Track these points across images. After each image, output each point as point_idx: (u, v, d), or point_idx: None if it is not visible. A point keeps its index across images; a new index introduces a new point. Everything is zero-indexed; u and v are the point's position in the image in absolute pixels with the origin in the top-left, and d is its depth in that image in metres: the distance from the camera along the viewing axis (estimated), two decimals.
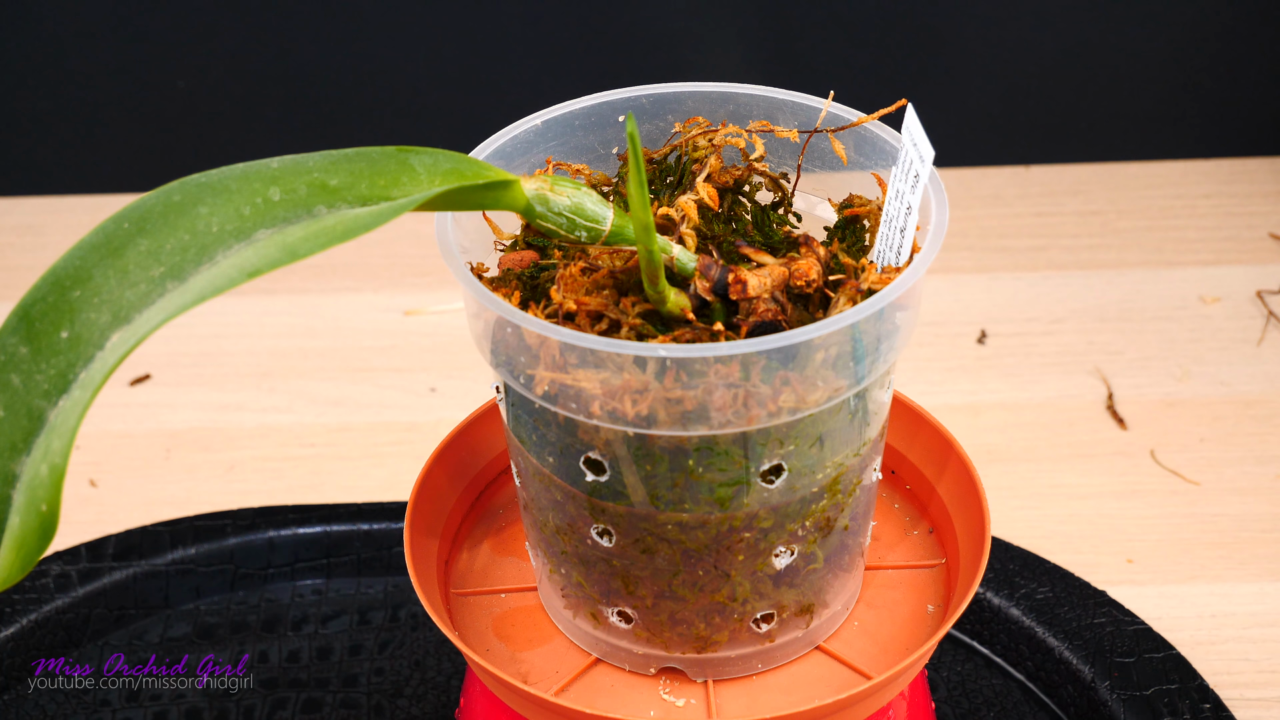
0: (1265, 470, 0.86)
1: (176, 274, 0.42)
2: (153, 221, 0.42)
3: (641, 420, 0.48)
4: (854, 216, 0.55)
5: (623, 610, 0.55)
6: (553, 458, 0.52)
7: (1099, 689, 0.71)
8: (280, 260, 0.41)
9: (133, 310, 0.42)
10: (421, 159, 0.47)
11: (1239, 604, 0.78)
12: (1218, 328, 0.96)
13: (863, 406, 0.52)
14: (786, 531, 0.53)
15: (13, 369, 0.40)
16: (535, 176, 0.49)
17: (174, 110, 1.10)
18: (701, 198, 0.53)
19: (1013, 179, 1.11)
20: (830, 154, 0.56)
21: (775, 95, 0.57)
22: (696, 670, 0.56)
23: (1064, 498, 0.85)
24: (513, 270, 0.54)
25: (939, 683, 0.74)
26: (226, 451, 0.89)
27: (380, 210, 0.43)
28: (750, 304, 0.50)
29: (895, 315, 0.50)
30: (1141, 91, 1.10)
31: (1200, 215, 1.07)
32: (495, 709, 0.59)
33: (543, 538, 0.56)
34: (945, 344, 0.96)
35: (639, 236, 0.47)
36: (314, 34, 1.08)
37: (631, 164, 0.45)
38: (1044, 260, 1.03)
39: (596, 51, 1.09)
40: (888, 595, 0.60)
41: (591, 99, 0.57)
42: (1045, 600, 0.75)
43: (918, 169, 0.50)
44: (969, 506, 0.60)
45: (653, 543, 0.52)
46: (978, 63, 1.09)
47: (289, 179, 0.44)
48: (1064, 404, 0.91)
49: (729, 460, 0.49)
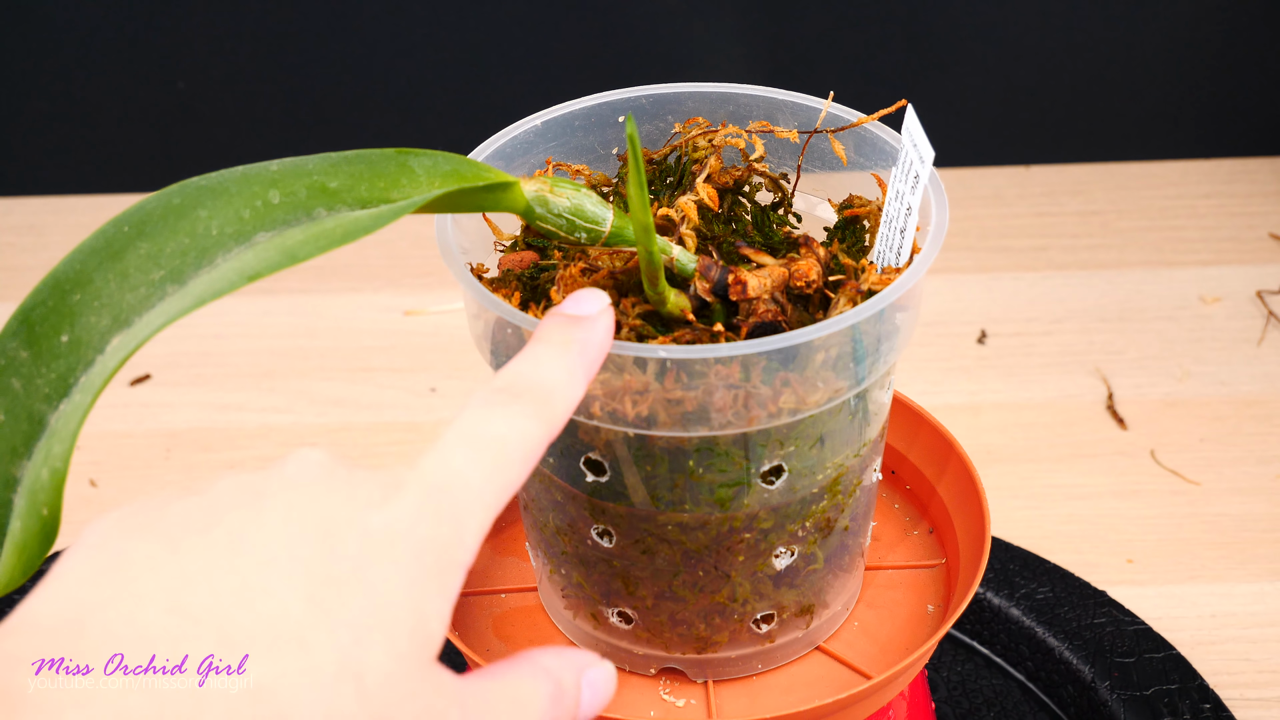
0: (1265, 470, 0.86)
1: (176, 277, 0.42)
2: (152, 225, 0.42)
3: (642, 421, 0.48)
4: (854, 217, 0.55)
5: (623, 611, 0.55)
6: (553, 458, 0.52)
7: (1099, 689, 0.71)
8: (280, 264, 0.41)
9: (133, 314, 0.42)
10: (421, 161, 0.47)
11: (1239, 604, 0.78)
12: (1218, 328, 0.96)
13: (863, 407, 0.52)
14: (787, 532, 0.53)
15: (13, 373, 0.40)
16: (535, 178, 0.49)
17: (174, 110, 1.10)
18: (701, 198, 0.53)
19: (1013, 179, 1.11)
20: (830, 154, 0.56)
21: (775, 96, 0.57)
22: (697, 671, 0.56)
23: (1064, 498, 0.85)
24: (513, 271, 0.54)
25: (939, 683, 0.74)
26: (227, 451, 0.89)
27: (380, 213, 0.43)
28: (750, 305, 0.50)
29: (895, 316, 0.50)
30: (1141, 91, 1.10)
31: (1200, 215, 1.07)
32: None
33: (543, 538, 0.56)
34: (945, 344, 0.96)
35: (639, 238, 0.47)
36: (314, 34, 1.08)
37: (631, 165, 0.45)
38: (1044, 260, 1.03)
39: (596, 52, 1.09)
40: (888, 595, 0.60)
41: (591, 99, 0.57)
42: (1045, 600, 0.75)
43: (918, 169, 0.50)
44: (969, 506, 0.60)
45: (653, 543, 0.52)
46: (978, 63, 1.09)
47: (288, 182, 0.44)
48: (1064, 404, 0.91)
49: (729, 461, 0.49)
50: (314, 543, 0.36)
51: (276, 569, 0.35)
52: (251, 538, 0.35)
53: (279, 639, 0.34)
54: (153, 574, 0.35)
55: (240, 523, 0.36)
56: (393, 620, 0.36)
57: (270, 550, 0.35)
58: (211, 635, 0.34)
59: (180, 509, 0.36)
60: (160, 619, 0.34)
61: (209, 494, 0.37)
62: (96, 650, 0.33)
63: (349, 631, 0.35)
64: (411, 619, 0.36)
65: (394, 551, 0.36)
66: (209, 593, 0.34)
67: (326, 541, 0.36)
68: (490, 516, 0.39)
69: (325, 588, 0.35)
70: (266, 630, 0.34)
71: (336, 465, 0.38)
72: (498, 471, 0.39)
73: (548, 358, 0.42)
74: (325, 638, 0.34)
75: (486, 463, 0.39)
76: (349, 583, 0.35)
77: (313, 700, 0.34)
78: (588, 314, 0.44)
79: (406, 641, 0.36)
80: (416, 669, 0.36)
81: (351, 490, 0.37)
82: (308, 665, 0.34)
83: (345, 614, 0.35)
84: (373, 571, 0.36)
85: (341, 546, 0.36)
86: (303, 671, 0.34)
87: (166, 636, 0.33)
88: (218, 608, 0.34)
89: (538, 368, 0.42)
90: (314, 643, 0.34)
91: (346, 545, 0.36)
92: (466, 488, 0.38)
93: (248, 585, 0.35)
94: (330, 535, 0.36)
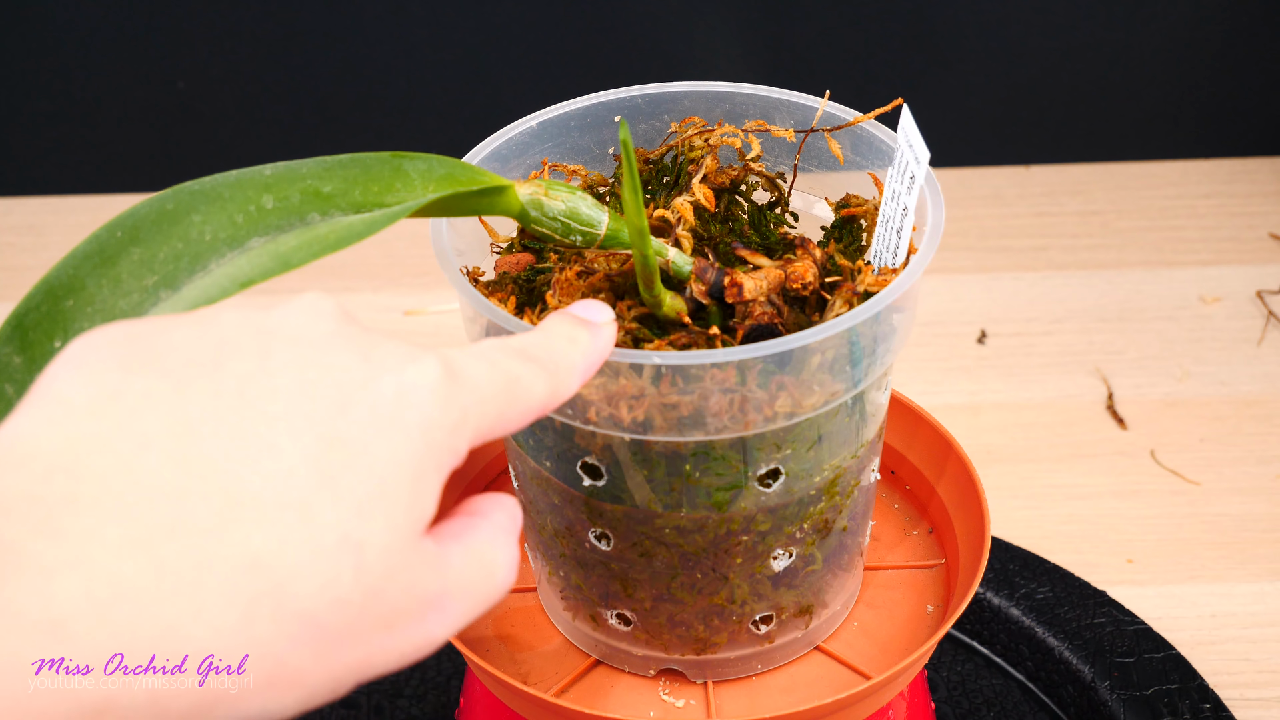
0: (1265, 470, 0.86)
1: (170, 283, 0.42)
2: (146, 230, 0.42)
3: (638, 426, 0.48)
4: (851, 216, 0.55)
5: (622, 612, 0.55)
6: (550, 461, 0.52)
7: (1099, 689, 0.71)
8: (274, 270, 0.41)
9: (126, 319, 0.41)
10: (415, 165, 0.46)
11: (1239, 604, 0.78)
12: (1218, 328, 0.96)
13: (860, 409, 0.52)
14: (785, 534, 0.52)
15: (6, 379, 0.40)
16: (530, 181, 0.49)
17: (174, 110, 1.10)
18: (698, 199, 0.53)
19: (1013, 179, 1.11)
20: (827, 153, 0.56)
21: (772, 95, 0.57)
22: (696, 671, 0.56)
23: (1064, 498, 0.85)
24: (509, 274, 0.54)
25: (939, 683, 0.74)
26: None
27: (374, 218, 0.43)
28: (746, 307, 0.49)
29: (892, 317, 0.50)
30: (1141, 91, 1.10)
31: (1200, 215, 1.06)
32: (495, 710, 0.59)
33: (541, 540, 0.56)
34: (945, 344, 0.96)
35: (634, 241, 0.47)
36: (313, 35, 1.08)
37: (625, 170, 0.44)
38: (1044, 260, 1.03)
39: (592, 51, 1.09)
40: (887, 595, 0.60)
41: (587, 99, 0.57)
42: (1045, 600, 0.75)
43: (913, 170, 0.50)
44: (969, 506, 0.60)
45: (651, 546, 0.52)
46: (978, 63, 1.09)
47: (282, 186, 0.44)
48: (1064, 404, 0.91)
49: (726, 465, 0.49)
50: (324, 402, 0.35)
51: (285, 426, 0.34)
52: (261, 387, 0.34)
53: (283, 504, 0.33)
54: (155, 413, 0.33)
55: (249, 370, 0.35)
56: (394, 493, 0.35)
57: (279, 404, 0.34)
58: (215, 494, 0.33)
59: (182, 339, 0.35)
60: (161, 469, 0.33)
61: (213, 326, 0.36)
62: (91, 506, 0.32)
63: (352, 501, 0.34)
64: (410, 493, 0.35)
65: (404, 420, 0.35)
66: (214, 444, 0.33)
67: (337, 401, 0.35)
68: (483, 435, 0.38)
69: (332, 451, 0.34)
70: (271, 493, 0.33)
71: (349, 321, 0.37)
72: (505, 400, 0.38)
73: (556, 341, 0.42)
74: (329, 506, 0.34)
75: (499, 384, 0.38)
76: (356, 448, 0.34)
77: (311, 572, 0.33)
78: (595, 320, 0.44)
79: (404, 515, 0.35)
80: (410, 543, 0.35)
81: (367, 351, 0.36)
82: (309, 534, 0.33)
83: (350, 481, 0.34)
84: (380, 439, 0.35)
85: (352, 409, 0.35)
86: (304, 541, 0.33)
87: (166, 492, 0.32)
88: (223, 463, 0.33)
89: (550, 346, 0.42)
90: (317, 510, 0.33)
91: (357, 408, 0.35)
92: (479, 392, 0.38)
93: (255, 440, 0.34)
94: (341, 395, 0.35)
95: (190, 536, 0.32)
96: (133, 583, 0.31)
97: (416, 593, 0.35)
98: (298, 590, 0.33)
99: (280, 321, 0.36)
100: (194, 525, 0.32)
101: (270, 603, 0.33)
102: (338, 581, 0.33)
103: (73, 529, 0.31)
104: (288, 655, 0.33)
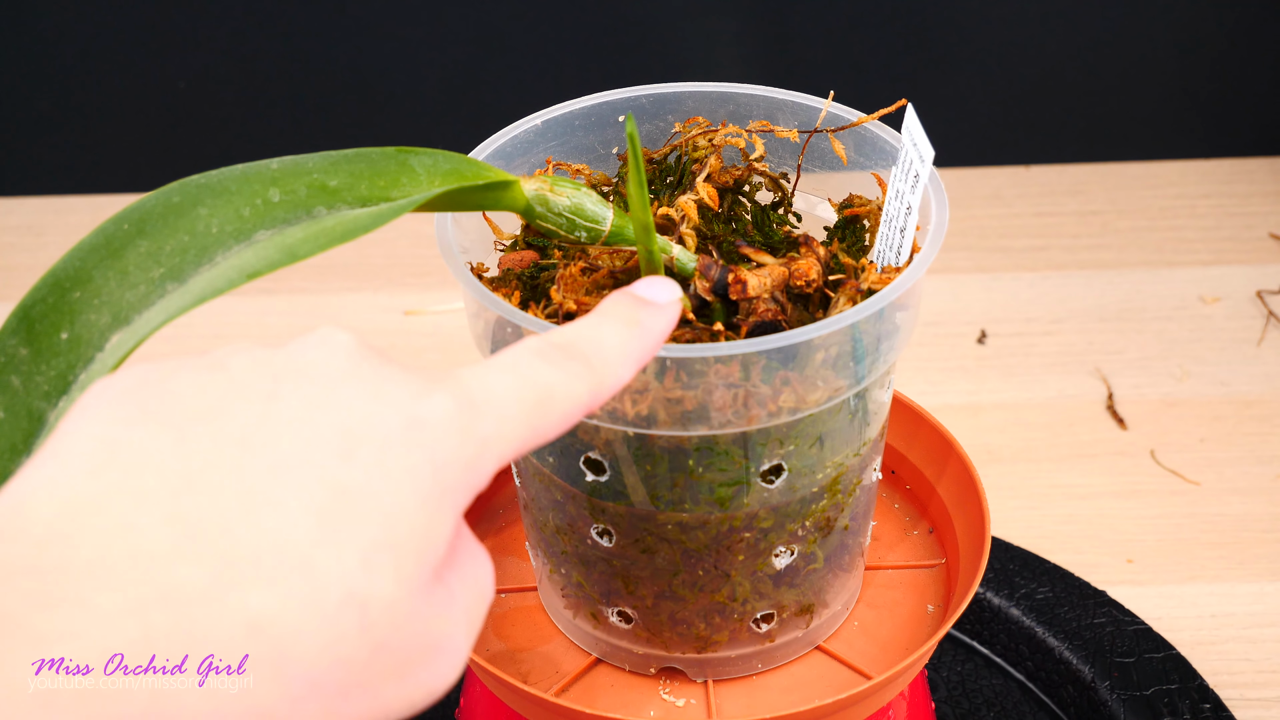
0: (1265, 470, 0.86)
1: (176, 275, 0.42)
2: (152, 223, 0.42)
3: (641, 420, 0.48)
4: (854, 216, 0.55)
5: (623, 610, 0.55)
6: (553, 457, 0.52)
7: (1099, 689, 0.71)
8: (280, 262, 0.41)
9: (132, 311, 0.41)
10: (421, 160, 0.46)
11: (1239, 604, 0.78)
12: (1218, 328, 0.96)
13: (863, 406, 0.52)
14: (786, 531, 0.52)
15: (13, 370, 0.40)
16: (535, 177, 0.49)
17: (174, 110, 1.10)
18: (701, 198, 0.53)
19: (1013, 179, 1.11)
20: (830, 154, 0.56)
21: (775, 95, 0.57)
22: (696, 670, 0.56)
23: (1064, 498, 0.85)
24: (513, 270, 0.54)
25: (939, 683, 0.74)
26: None
27: (380, 211, 0.43)
28: (750, 304, 0.49)
29: (895, 315, 0.50)
30: (1141, 91, 1.10)
31: (1200, 215, 1.07)
32: (495, 709, 0.59)
33: (543, 538, 0.56)
34: (945, 344, 0.96)
35: (639, 237, 0.47)
36: (314, 34, 1.08)
37: (631, 165, 0.45)
38: (1044, 260, 1.03)
39: (596, 51, 1.09)
40: (888, 595, 0.60)
41: (591, 99, 0.57)
42: (1045, 600, 0.75)
43: (918, 169, 0.50)
44: (969, 506, 0.60)
45: (653, 543, 0.52)
46: (978, 63, 1.09)
47: (288, 180, 0.44)
48: (1064, 404, 0.91)
49: (729, 460, 0.49)
50: (329, 448, 0.33)
51: (287, 477, 0.33)
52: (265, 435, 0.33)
53: (283, 562, 0.32)
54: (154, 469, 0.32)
55: (254, 416, 0.34)
56: (402, 540, 0.33)
57: (282, 453, 0.33)
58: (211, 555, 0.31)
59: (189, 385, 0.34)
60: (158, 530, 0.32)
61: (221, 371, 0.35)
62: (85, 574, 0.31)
63: (357, 553, 0.33)
64: (420, 540, 0.34)
65: (412, 461, 0.34)
66: (212, 499, 0.32)
67: (343, 447, 0.34)
68: (511, 455, 0.36)
69: (336, 501, 0.33)
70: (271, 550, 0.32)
71: (365, 355, 0.36)
72: (535, 414, 0.37)
73: (610, 331, 0.40)
74: (332, 561, 0.32)
75: (528, 400, 0.37)
76: (362, 496, 0.33)
77: (313, 632, 0.32)
78: (658, 300, 0.42)
79: (413, 563, 0.34)
80: (418, 591, 0.34)
81: (378, 386, 0.35)
82: (310, 592, 0.32)
83: (354, 532, 0.33)
84: (387, 483, 0.33)
85: (358, 453, 0.34)
86: (305, 600, 0.32)
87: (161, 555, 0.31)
88: (220, 519, 0.32)
89: (598, 337, 0.40)
90: (319, 566, 0.32)
91: (363, 452, 0.34)
92: (501, 415, 0.36)
93: (255, 493, 0.32)
94: (348, 439, 0.34)
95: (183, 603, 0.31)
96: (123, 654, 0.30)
97: (425, 640, 0.34)
98: (299, 653, 0.32)
99: (290, 360, 0.35)
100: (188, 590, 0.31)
101: (270, 667, 0.31)
102: (342, 641, 0.32)
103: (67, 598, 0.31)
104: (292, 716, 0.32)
